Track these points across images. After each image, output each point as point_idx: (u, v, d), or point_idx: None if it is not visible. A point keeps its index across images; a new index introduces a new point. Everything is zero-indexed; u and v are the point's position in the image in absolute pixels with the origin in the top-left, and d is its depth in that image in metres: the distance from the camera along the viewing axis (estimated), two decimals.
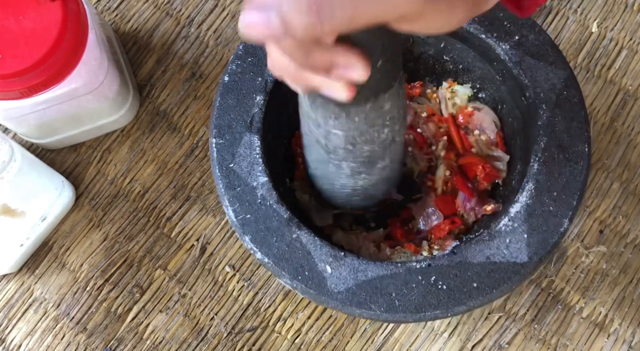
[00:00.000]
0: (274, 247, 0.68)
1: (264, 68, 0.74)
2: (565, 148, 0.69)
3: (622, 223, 0.89)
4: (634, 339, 0.85)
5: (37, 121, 0.87)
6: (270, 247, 0.68)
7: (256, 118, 0.72)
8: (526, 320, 0.86)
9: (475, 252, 0.67)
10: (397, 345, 0.86)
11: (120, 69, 0.92)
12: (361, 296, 0.66)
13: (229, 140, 0.71)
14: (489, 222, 0.77)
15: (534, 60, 0.72)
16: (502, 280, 0.66)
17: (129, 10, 1.02)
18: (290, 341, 0.87)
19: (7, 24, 0.77)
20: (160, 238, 0.91)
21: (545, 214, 0.67)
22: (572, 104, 0.70)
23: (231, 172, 0.70)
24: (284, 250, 0.68)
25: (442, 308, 0.66)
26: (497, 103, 0.80)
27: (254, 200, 0.70)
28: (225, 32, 1.00)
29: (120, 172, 0.94)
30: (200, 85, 0.97)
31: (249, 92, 0.73)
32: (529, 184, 0.68)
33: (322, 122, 0.63)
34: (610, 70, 0.95)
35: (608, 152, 0.92)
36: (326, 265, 0.67)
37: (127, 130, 0.96)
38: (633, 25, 0.97)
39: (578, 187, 0.68)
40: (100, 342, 0.88)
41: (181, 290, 0.89)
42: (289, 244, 0.68)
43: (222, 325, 0.88)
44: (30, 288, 0.91)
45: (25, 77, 0.77)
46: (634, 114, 0.93)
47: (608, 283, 0.87)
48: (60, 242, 0.92)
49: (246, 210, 0.69)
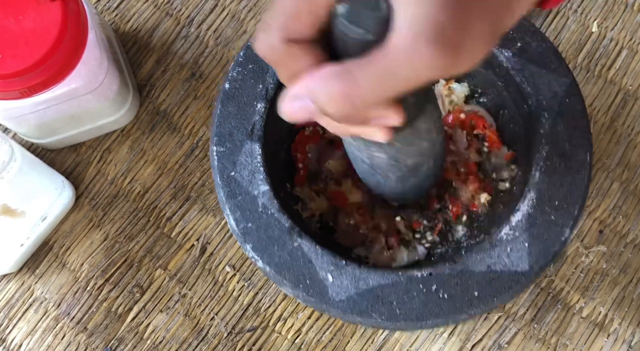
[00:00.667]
0: (276, 255, 0.68)
1: (265, 75, 0.74)
2: (567, 157, 0.69)
3: (622, 223, 0.89)
4: (634, 339, 0.85)
5: (37, 121, 0.86)
6: (271, 256, 0.68)
7: (257, 126, 0.72)
8: (526, 320, 0.86)
9: (476, 260, 0.67)
10: (397, 345, 0.86)
11: (120, 69, 0.92)
12: (362, 305, 0.66)
13: (230, 149, 0.71)
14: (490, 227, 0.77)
15: (536, 68, 0.72)
16: (503, 288, 0.66)
17: (129, 10, 1.01)
18: (291, 341, 0.87)
19: (7, 24, 0.76)
20: (160, 238, 0.91)
21: (547, 223, 0.67)
22: (575, 112, 0.70)
23: (232, 181, 0.70)
24: (285, 259, 0.68)
25: (443, 317, 0.66)
26: (498, 109, 0.80)
27: (255, 208, 0.70)
28: (225, 32, 1.00)
29: (120, 172, 0.94)
30: (200, 85, 0.97)
31: (249, 100, 0.73)
32: (530, 193, 0.68)
33: (364, 147, 0.64)
34: (611, 70, 0.95)
35: (608, 152, 0.92)
36: (327, 274, 0.67)
37: (127, 130, 0.96)
38: (633, 25, 0.97)
39: (580, 196, 0.68)
40: (101, 342, 0.88)
41: (181, 290, 0.89)
42: (290, 253, 0.68)
43: (222, 325, 0.88)
44: (30, 288, 0.91)
45: (25, 77, 0.77)
46: (634, 114, 0.93)
47: (608, 283, 0.87)
48: (60, 242, 0.92)
49: (247, 219, 0.69)
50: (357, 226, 0.82)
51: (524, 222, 0.68)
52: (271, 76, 0.74)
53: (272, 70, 0.74)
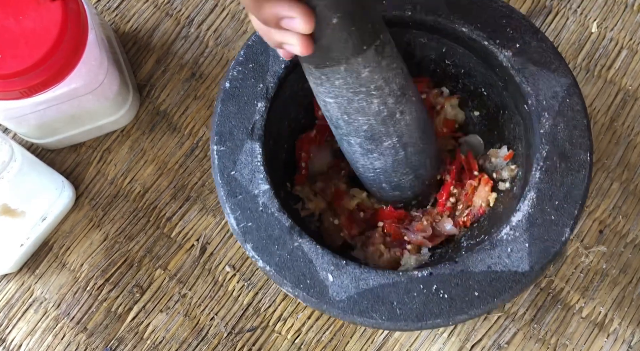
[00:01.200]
0: (276, 255, 0.68)
1: (265, 74, 0.74)
2: (567, 157, 0.69)
3: (622, 223, 0.89)
4: (634, 339, 0.85)
5: (37, 121, 0.86)
6: (272, 256, 0.68)
7: (257, 125, 0.72)
8: (525, 320, 0.86)
9: (476, 261, 0.67)
10: (397, 345, 0.86)
11: (120, 69, 0.92)
12: (362, 305, 0.66)
13: (230, 148, 0.71)
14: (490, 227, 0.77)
15: (536, 68, 0.72)
16: (503, 289, 0.66)
17: (129, 10, 1.01)
18: (290, 341, 0.87)
19: (7, 24, 0.77)
20: (160, 238, 0.91)
21: (547, 223, 0.67)
22: (575, 112, 0.70)
23: (232, 180, 0.70)
24: (285, 259, 0.68)
25: (443, 317, 0.66)
26: (498, 109, 0.80)
27: (255, 208, 0.69)
28: (225, 32, 1.00)
29: (120, 172, 0.94)
30: (200, 85, 0.97)
31: (250, 99, 0.73)
32: (530, 193, 0.68)
33: (316, 91, 0.69)
34: (610, 70, 0.95)
35: (608, 152, 0.92)
36: (328, 274, 0.67)
37: (127, 130, 0.96)
38: (633, 25, 0.97)
39: (580, 196, 0.68)
40: (101, 342, 0.88)
41: (181, 290, 0.89)
42: (291, 252, 0.68)
43: (222, 325, 0.88)
44: (30, 288, 0.91)
45: (25, 77, 0.77)
46: (634, 114, 0.93)
47: (608, 283, 0.87)
48: (60, 242, 0.92)
49: (248, 218, 0.69)
50: (340, 227, 0.82)
51: (524, 222, 0.67)
52: (272, 75, 0.74)
53: (273, 70, 0.74)
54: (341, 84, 0.66)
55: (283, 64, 0.74)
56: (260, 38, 0.74)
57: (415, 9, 0.74)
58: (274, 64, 0.74)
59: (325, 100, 0.69)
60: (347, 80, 0.65)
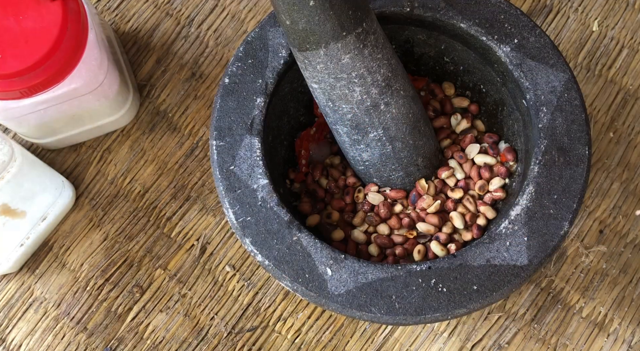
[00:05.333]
0: (275, 249, 0.68)
1: (265, 70, 0.74)
2: (566, 151, 0.69)
3: (622, 223, 0.89)
4: (634, 339, 0.85)
5: (37, 121, 0.86)
6: (270, 250, 0.68)
7: (257, 120, 0.72)
8: (526, 320, 0.86)
9: (475, 254, 0.67)
10: (397, 344, 0.86)
11: (120, 69, 0.92)
12: (361, 299, 0.66)
13: (230, 143, 0.71)
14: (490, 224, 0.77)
15: (534, 63, 0.72)
16: (502, 282, 0.66)
17: (129, 10, 1.01)
18: (290, 341, 0.87)
19: (7, 24, 0.77)
20: (160, 238, 0.91)
21: (546, 217, 0.67)
22: (573, 107, 0.70)
23: (231, 174, 0.70)
24: (284, 253, 0.68)
25: (442, 311, 0.66)
26: (497, 105, 0.80)
27: (254, 202, 0.69)
28: (225, 32, 1.00)
29: (120, 172, 0.94)
30: (200, 85, 0.97)
31: (249, 94, 0.73)
32: (529, 187, 0.68)
33: (304, 76, 0.71)
34: (611, 69, 0.95)
35: (608, 152, 0.92)
36: (326, 268, 0.67)
37: (127, 130, 0.96)
38: (634, 24, 0.97)
39: (578, 190, 0.68)
40: (101, 342, 0.88)
41: (181, 290, 0.89)
42: (290, 246, 0.68)
43: (222, 324, 0.88)
44: (30, 288, 0.91)
45: (25, 77, 0.77)
46: (635, 114, 0.93)
47: (608, 283, 0.87)
48: (60, 242, 0.92)
49: (247, 213, 0.69)
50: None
51: (523, 215, 0.67)
52: (271, 71, 0.74)
53: (272, 65, 0.74)
54: (322, 69, 0.67)
55: (282, 60, 0.74)
56: (260, 34, 0.75)
57: (413, 5, 0.75)
58: (273, 60, 0.74)
59: (312, 86, 0.71)
60: (328, 65, 0.67)
